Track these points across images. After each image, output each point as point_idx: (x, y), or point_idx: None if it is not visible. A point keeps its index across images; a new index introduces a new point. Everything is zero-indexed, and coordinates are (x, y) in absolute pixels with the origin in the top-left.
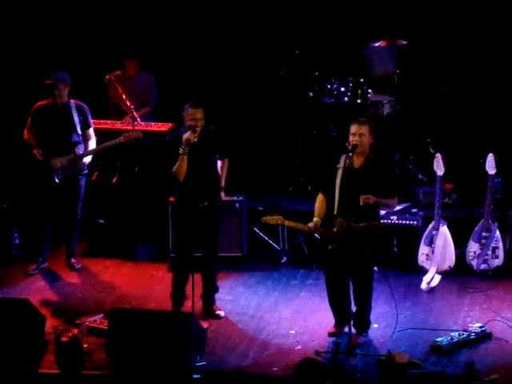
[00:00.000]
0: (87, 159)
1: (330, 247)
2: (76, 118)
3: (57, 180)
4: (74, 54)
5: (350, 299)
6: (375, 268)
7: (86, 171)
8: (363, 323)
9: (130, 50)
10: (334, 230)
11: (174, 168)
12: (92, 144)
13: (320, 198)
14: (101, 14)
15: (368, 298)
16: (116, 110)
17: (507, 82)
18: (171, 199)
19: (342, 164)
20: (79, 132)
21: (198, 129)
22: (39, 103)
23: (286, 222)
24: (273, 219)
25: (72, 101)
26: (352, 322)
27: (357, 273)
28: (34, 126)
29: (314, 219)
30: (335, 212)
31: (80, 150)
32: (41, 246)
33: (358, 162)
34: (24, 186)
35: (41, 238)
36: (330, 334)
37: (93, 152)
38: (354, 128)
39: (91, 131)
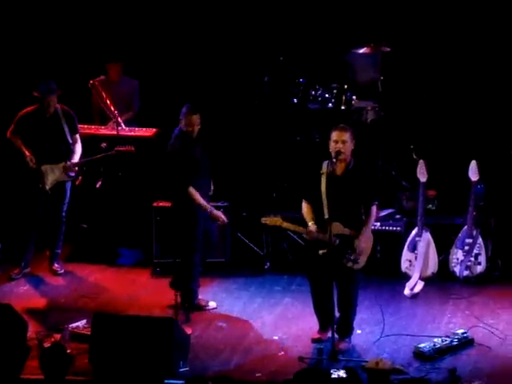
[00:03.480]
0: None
1: (320, 252)
2: (65, 127)
3: (46, 187)
4: (57, 59)
5: (334, 304)
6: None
7: (74, 177)
8: (346, 328)
9: (112, 54)
10: (327, 234)
11: None
12: (78, 148)
13: (306, 206)
14: (83, 19)
15: (354, 304)
16: (100, 115)
17: (490, 89)
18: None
19: (324, 170)
20: (70, 141)
21: (195, 134)
22: (26, 110)
23: (285, 224)
24: (272, 220)
25: (58, 106)
26: (335, 328)
27: (344, 278)
28: (20, 133)
29: (310, 223)
30: (326, 217)
31: (70, 158)
32: (24, 250)
33: (339, 169)
34: (7, 190)
35: (24, 243)
36: (314, 340)
37: (83, 162)
38: (336, 135)
39: (77, 136)
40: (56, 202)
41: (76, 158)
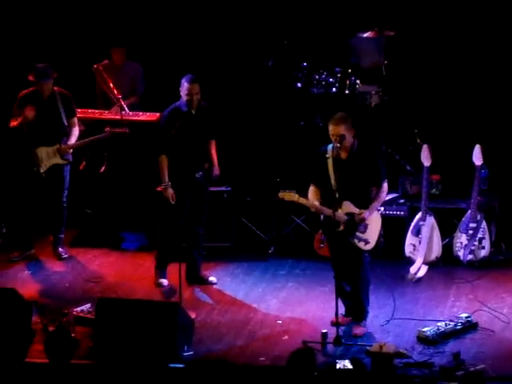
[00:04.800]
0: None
1: (338, 230)
2: (61, 109)
3: (41, 170)
4: (61, 43)
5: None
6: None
7: (70, 160)
8: (360, 311)
9: (116, 39)
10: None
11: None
12: (75, 132)
13: (313, 189)
14: (88, 3)
15: (364, 286)
16: (103, 100)
17: (494, 72)
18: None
19: (330, 154)
20: (65, 123)
21: (195, 103)
22: (24, 92)
23: (301, 200)
24: (289, 195)
25: (56, 89)
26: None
27: (352, 258)
28: (20, 115)
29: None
30: (337, 196)
31: (66, 140)
32: (25, 234)
33: (343, 153)
34: (8, 175)
35: (25, 227)
36: (333, 323)
37: (79, 145)
38: (331, 129)
39: (75, 119)
40: (55, 188)
41: (72, 140)
